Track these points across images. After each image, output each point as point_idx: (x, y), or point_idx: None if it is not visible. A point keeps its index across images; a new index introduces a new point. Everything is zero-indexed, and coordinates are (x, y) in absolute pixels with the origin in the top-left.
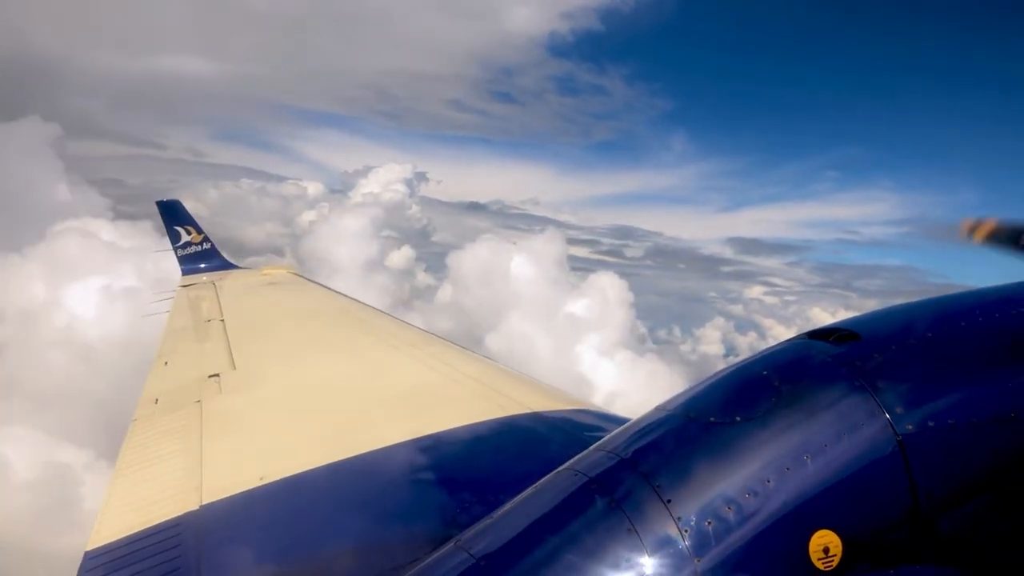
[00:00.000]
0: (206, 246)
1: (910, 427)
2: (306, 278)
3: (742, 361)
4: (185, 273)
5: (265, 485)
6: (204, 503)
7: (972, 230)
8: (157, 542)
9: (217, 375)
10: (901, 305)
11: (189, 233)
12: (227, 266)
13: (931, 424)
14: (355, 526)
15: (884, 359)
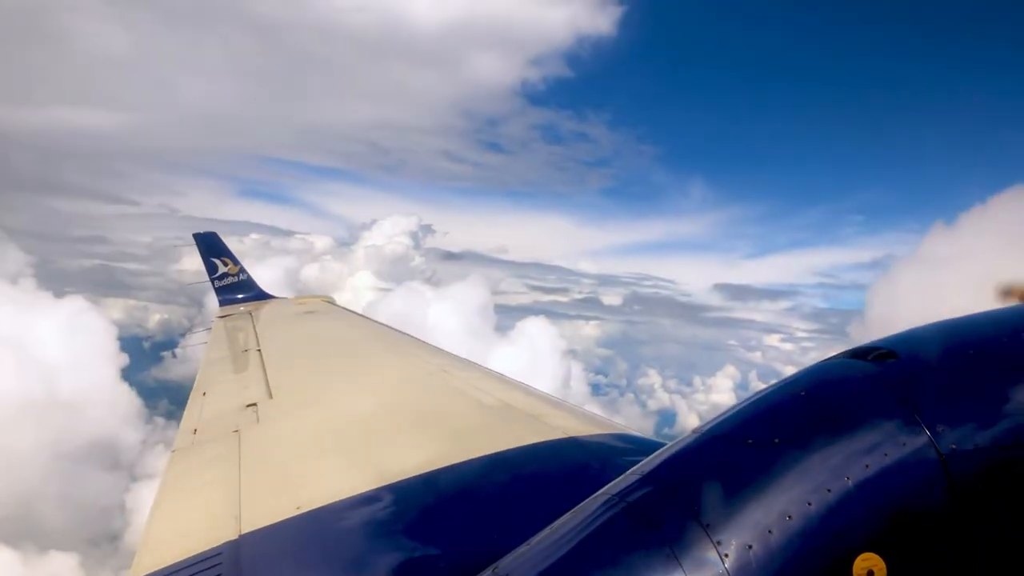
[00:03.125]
0: (242, 277)
1: (953, 446)
2: (342, 307)
3: (779, 382)
4: (222, 304)
5: (303, 514)
6: (243, 532)
7: (1006, 293)
8: (197, 572)
9: (254, 405)
10: (939, 323)
11: (226, 264)
12: (264, 296)
13: (975, 443)
14: (392, 554)
15: (924, 377)
